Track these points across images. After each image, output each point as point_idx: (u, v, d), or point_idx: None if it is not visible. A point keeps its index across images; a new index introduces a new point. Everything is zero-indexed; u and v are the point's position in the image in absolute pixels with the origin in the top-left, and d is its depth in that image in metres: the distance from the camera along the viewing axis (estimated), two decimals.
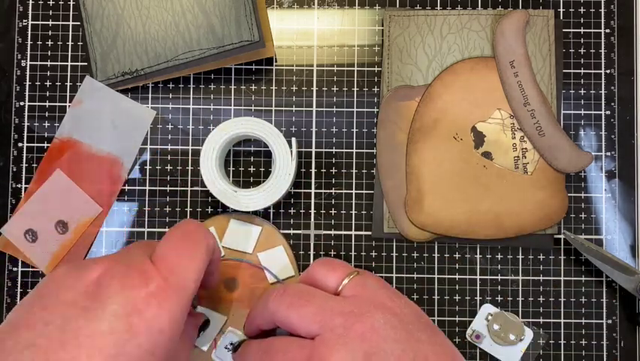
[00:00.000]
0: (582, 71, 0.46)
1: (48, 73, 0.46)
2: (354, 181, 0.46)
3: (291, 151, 0.42)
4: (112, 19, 0.45)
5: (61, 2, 0.46)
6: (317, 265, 0.37)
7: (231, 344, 0.42)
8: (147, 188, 0.46)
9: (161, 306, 0.31)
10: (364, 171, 0.46)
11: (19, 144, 0.46)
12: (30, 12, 0.46)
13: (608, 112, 0.46)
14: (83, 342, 0.29)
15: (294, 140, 0.42)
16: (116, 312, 0.30)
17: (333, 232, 0.45)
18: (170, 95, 0.46)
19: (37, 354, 0.28)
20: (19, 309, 0.31)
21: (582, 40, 0.46)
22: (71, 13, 0.46)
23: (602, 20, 0.46)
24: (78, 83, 0.46)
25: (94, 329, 0.29)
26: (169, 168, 0.46)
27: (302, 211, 0.45)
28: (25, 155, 0.46)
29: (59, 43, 0.46)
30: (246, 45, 0.43)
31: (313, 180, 0.46)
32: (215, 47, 0.43)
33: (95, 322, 0.29)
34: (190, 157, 0.46)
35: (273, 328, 0.37)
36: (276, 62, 0.46)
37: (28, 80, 0.46)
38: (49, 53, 0.46)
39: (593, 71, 0.46)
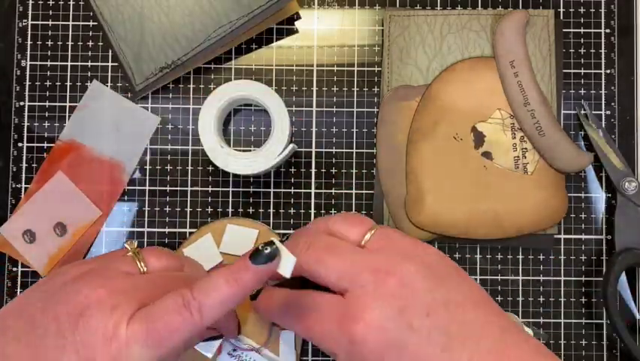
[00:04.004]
0: (582, 71, 0.46)
1: (48, 73, 0.46)
2: (354, 181, 0.46)
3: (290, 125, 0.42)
4: (134, 21, 0.44)
5: (61, 2, 0.46)
6: (337, 220, 0.36)
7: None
8: (147, 188, 0.46)
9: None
10: (364, 171, 0.46)
11: (19, 144, 0.46)
12: (30, 12, 0.46)
13: (608, 112, 0.46)
14: None
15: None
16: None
17: None
18: (170, 95, 0.46)
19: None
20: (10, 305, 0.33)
21: (582, 40, 0.46)
22: (71, 13, 0.46)
23: (602, 20, 0.46)
24: (78, 83, 0.46)
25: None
26: (169, 168, 0.46)
27: (302, 211, 0.45)
28: (25, 155, 0.46)
29: (59, 43, 0.46)
30: (274, 3, 0.43)
31: (313, 180, 0.46)
32: (244, 14, 0.43)
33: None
34: (190, 157, 0.46)
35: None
36: (300, 18, 0.46)
37: (28, 80, 0.46)
38: (49, 53, 0.46)
39: (593, 71, 0.46)
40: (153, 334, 0.30)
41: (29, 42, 0.46)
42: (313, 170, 0.46)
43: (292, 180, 0.46)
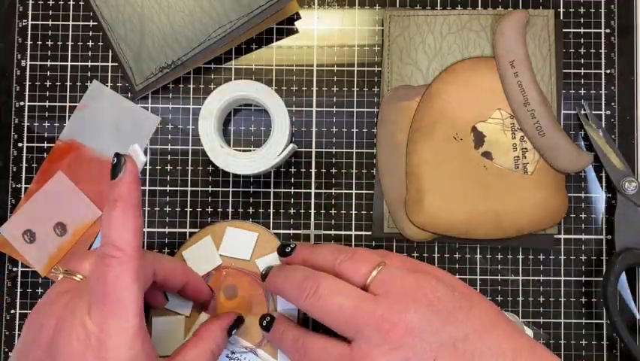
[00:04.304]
0: (582, 71, 0.46)
1: (48, 73, 0.46)
2: (354, 181, 0.46)
3: (290, 125, 0.42)
4: (134, 21, 0.44)
5: (61, 2, 0.46)
6: (344, 261, 0.37)
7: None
8: (147, 188, 0.46)
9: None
10: (364, 171, 0.46)
11: (19, 144, 0.46)
12: (30, 12, 0.46)
13: (608, 112, 0.46)
14: None
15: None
16: None
17: (333, 232, 0.45)
18: (170, 95, 0.46)
19: None
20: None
21: (582, 40, 0.46)
22: (71, 13, 0.46)
23: (602, 20, 0.46)
24: (78, 83, 0.46)
25: None
26: (169, 168, 0.46)
27: (302, 211, 0.45)
28: (25, 155, 0.46)
29: (59, 43, 0.46)
30: (274, 3, 0.43)
31: (313, 180, 0.46)
32: (244, 14, 0.43)
33: None
34: (190, 157, 0.46)
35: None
36: (300, 18, 0.46)
37: (28, 80, 0.46)
38: (49, 53, 0.46)
39: (593, 71, 0.46)
40: (111, 304, 0.31)
41: (29, 42, 0.46)
42: (313, 170, 0.46)
43: (292, 180, 0.46)
